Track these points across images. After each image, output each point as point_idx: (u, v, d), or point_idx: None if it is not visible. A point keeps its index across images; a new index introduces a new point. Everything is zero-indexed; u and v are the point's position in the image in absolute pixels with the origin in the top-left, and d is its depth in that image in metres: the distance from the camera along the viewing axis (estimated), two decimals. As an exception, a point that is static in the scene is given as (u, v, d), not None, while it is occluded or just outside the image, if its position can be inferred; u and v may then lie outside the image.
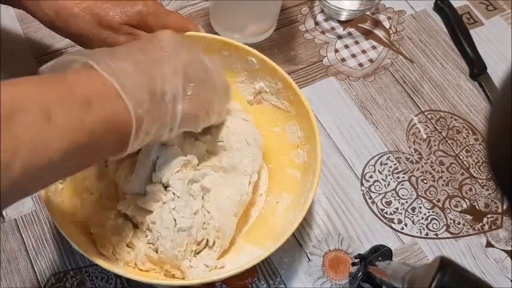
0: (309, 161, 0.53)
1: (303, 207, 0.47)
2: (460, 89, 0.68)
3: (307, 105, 0.53)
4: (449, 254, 0.56)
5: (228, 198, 0.50)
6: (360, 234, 0.57)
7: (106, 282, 0.52)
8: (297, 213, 0.48)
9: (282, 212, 0.53)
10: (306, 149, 0.54)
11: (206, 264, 0.48)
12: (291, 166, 0.55)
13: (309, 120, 0.52)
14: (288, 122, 0.56)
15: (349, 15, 0.71)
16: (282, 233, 0.46)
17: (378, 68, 0.68)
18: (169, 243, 0.47)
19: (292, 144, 0.56)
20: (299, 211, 0.48)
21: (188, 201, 0.48)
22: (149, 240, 0.48)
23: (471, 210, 0.59)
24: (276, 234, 0.48)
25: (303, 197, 0.50)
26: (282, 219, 0.52)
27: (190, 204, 0.48)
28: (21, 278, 0.52)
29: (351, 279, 0.54)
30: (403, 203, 0.59)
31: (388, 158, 0.62)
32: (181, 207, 0.47)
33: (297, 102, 0.54)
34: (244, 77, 0.58)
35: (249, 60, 0.55)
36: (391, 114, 0.65)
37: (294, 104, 0.55)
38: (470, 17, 0.74)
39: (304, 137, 0.54)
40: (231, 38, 0.62)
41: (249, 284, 0.53)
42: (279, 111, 0.57)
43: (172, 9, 0.70)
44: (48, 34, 0.66)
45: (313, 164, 0.50)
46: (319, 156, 0.50)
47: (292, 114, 0.56)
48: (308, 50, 0.69)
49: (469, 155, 0.63)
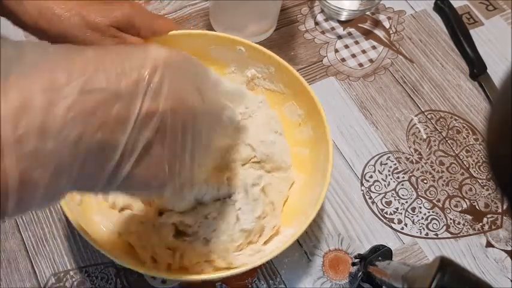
0: (316, 135, 0.54)
1: (324, 180, 0.49)
2: (460, 89, 0.68)
3: (304, 83, 0.54)
4: (449, 254, 0.56)
5: (280, 193, 0.53)
6: (360, 234, 0.57)
7: (106, 282, 0.52)
8: (318, 188, 0.50)
9: (299, 191, 0.55)
10: (309, 125, 0.55)
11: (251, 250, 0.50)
12: (297, 144, 0.56)
13: (308, 97, 0.53)
14: (285, 104, 0.57)
15: (349, 15, 0.71)
16: (308, 211, 0.48)
17: (378, 68, 0.68)
18: (225, 237, 0.48)
19: (293, 123, 0.57)
20: (320, 186, 0.49)
21: (254, 205, 0.50)
22: (200, 230, 0.49)
23: (471, 210, 0.59)
24: (302, 212, 0.50)
25: (318, 171, 0.51)
26: (302, 197, 0.54)
27: (255, 208, 0.50)
28: (21, 278, 0.52)
29: (351, 279, 0.54)
30: (403, 203, 0.59)
31: (388, 158, 0.62)
32: (248, 210, 0.50)
33: (292, 82, 0.55)
34: (234, 67, 0.58)
35: (237, 49, 0.56)
36: (391, 114, 0.65)
37: (289, 85, 0.56)
38: (470, 17, 0.74)
39: (305, 114, 0.55)
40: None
41: (249, 284, 0.53)
42: (274, 94, 0.58)
43: (172, 9, 0.71)
44: (48, 34, 0.66)
45: (322, 136, 0.52)
46: (327, 128, 0.51)
47: (289, 95, 0.57)
48: (308, 50, 0.69)
49: (469, 155, 0.63)
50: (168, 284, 0.52)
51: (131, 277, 0.52)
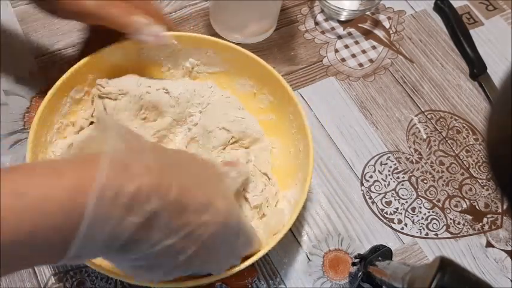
0: (276, 100, 0.56)
1: (304, 133, 0.52)
2: (460, 89, 0.68)
3: (244, 51, 0.55)
4: (449, 254, 0.56)
5: (267, 162, 0.55)
6: (360, 234, 0.57)
7: (106, 282, 0.52)
8: (299, 143, 0.53)
9: (280, 154, 0.57)
10: (265, 91, 0.57)
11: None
12: (261, 113, 0.58)
13: (258, 65, 0.55)
14: (234, 80, 0.58)
15: (349, 15, 0.71)
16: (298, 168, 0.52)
17: (378, 68, 0.68)
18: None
19: (249, 95, 0.59)
20: (301, 140, 0.52)
21: (255, 181, 0.52)
22: None
23: (471, 210, 0.59)
24: (293, 171, 0.54)
25: (293, 127, 0.54)
26: (285, 159, 0.56)
27: (256, 183, 0.52)
28: (21, 278, 0.52)
29: (351, 279, 0.54)
30: (403, 203, 0.59)
31: (388, 158, 0.62)
32: (252, 187, 0.52)
33: (235, 58, 0.56)
34: (170, 64, 0.58)
35: (170, 44, 0.56)
36: (391, 114, 0.65)
37: (233, 61, 0.57)
38: (470, 17, 0.74)
39: (258, 83, 0.57)
40: (231, 38, 0.62)
41: (249, 284, 0.53)
42: (218, 75, 0.59)
43: (172, 9, 0.71)
44: (48, 34, 0.66)
45: (284, 97, 0.54)
46: (287, 88, 0.53)
47: (236, 70, 0.57)
48: (308, 50, 0.69)
49: (469, 155, 0.63)
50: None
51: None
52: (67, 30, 0.67)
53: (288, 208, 0.52)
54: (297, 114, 0.53)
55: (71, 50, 0.65)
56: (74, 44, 0.66)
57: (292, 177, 0.54)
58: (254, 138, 0.56)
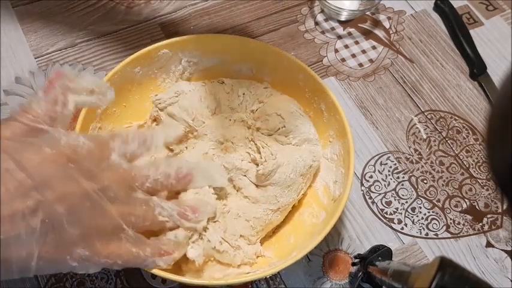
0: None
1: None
2: (460, 89, 0.68)
3: (244, 39, 0.56)
4: (449, 254, 0.56)
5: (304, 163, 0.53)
6: (360, 234, 0.57)
7: (106, 282, 0.52)
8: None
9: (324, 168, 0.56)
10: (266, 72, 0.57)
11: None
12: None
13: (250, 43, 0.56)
14: (230, 68, 0.58)
15: (349, 15, 0.71)
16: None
17: (378, 68, 0.68)
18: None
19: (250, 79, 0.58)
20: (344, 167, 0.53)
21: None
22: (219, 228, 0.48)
23: (471, 210, 0.59)
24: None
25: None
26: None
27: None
28: (21, 278, 0.52)
29: (351, 279, 0.54)
30: (403, 203, 0.59)
31: (388, 158, 0.62)
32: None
33: (227, 48, 0.56)
34: (165, 74, 0.58)
35: (159, 54, 0.55)
36: (391, 114, 0.65)
37: (225, 51, 0.57)
38: (470, 17, 0.74)
39: (256, 65, 0.57)
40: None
41: (249, 284, 0.53)
42: (210, 69, 0.58)
43: (172, 9, 0.71)
44: (48, 34, 0.66)
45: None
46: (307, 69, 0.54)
47: (230, 58, 0.57)
48: (308, 50, 0.69)
49: (469, 155, 0.63)
50: (168, 283, 0.52)
51: (131, 277, 0.52)
52: (67, 30, 0.67)
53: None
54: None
55: (71, 50, 0.65)
56: (74, 44, 0.66)
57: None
58: (306, 137, 0.54)
